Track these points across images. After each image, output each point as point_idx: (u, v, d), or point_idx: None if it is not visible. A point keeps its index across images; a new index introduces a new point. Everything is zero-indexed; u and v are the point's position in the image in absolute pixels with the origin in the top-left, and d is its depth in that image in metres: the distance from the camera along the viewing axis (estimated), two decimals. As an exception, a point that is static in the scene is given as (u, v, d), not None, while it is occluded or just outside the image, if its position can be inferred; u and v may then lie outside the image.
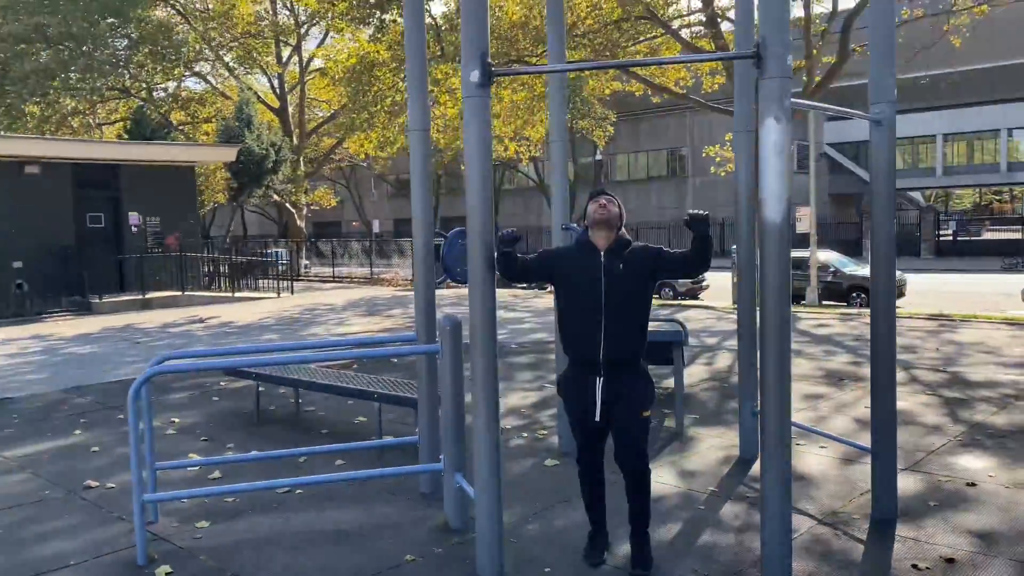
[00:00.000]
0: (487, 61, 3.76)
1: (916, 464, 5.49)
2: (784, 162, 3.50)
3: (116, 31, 26.55)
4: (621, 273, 3.73)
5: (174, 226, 19.42)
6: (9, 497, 5.22)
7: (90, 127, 33.90)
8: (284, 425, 6.98)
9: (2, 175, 16.94)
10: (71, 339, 13.08)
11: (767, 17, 3.45)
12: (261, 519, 4.74)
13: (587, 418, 3.82)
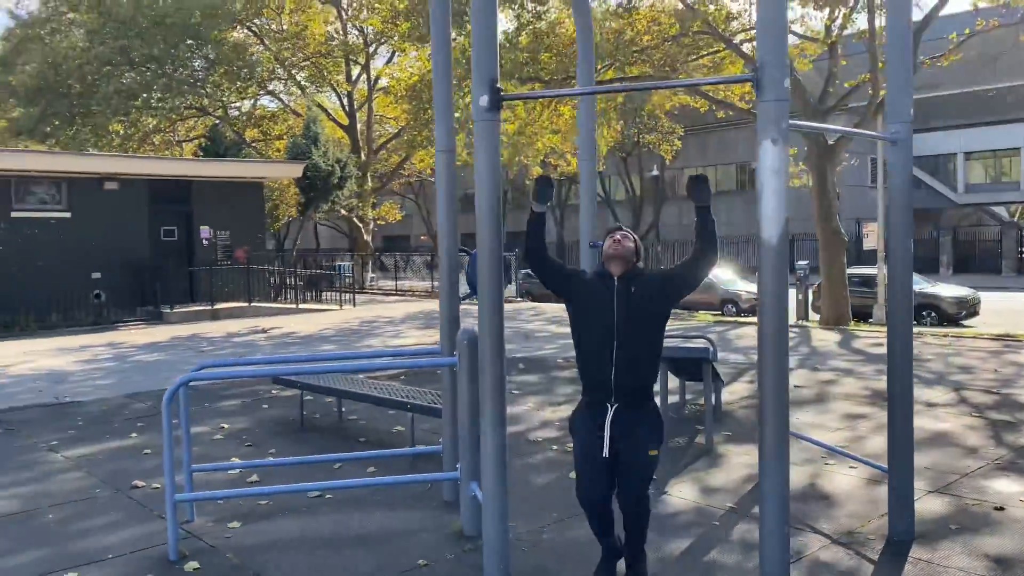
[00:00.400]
0: (496, 87, 3.92)
1: (946, 486, 5.40)
2: (782, 182, 3.57)
3: (195, 52, 27.77)
4: (634, 297, 3.74)
5: (243, 240, 20.17)
6: (63, 493, 5.59)
7: (171, 144, 35.43)
8: (325, 433, 7.25)
9: (83, 191, 17.92)
10: (140, 347, 13.73)
11: (765, 41, 3.52)
12: (290, 521, 4.98)
13: (594, 451, 3.76)
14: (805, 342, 13.06)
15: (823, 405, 8.04)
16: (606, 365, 3.73)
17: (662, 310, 3.84)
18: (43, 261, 17.25)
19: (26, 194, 17.43)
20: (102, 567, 4.29)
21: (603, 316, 3.75)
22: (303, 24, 28.83)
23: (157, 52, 25.10)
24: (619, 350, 3.71)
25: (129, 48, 24.85)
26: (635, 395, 3.78)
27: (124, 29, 25.19)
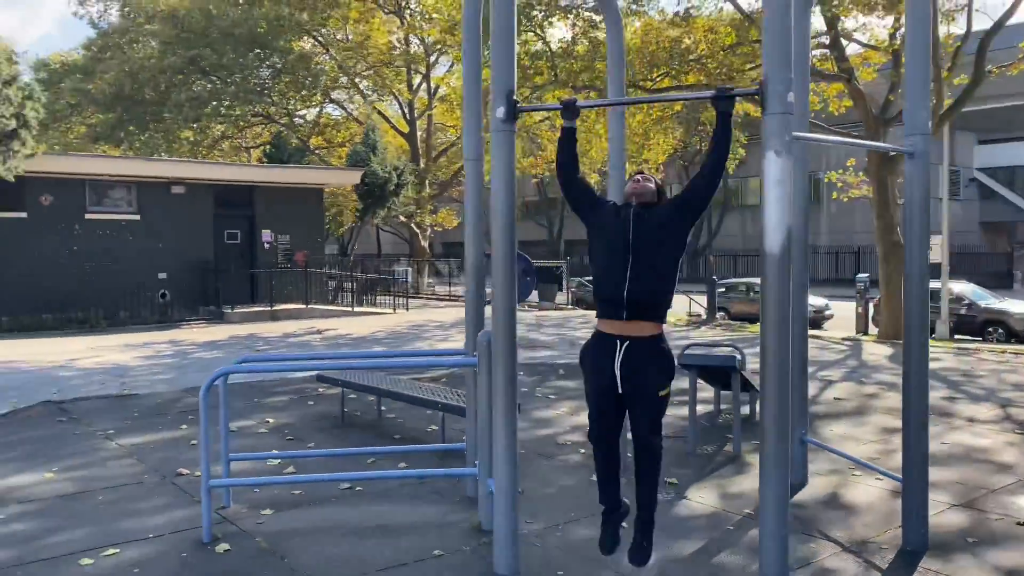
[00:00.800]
0: (513, 99, 4.11)
1: (971, 501, 5.35)
2: (785, 193, 3.65)
3: (262, 62, 28.66)
4: (651, 219, 3.83)
5: (302, 244, 20.76)
6: (114, 478, 5.95)
7: (239, 150, 36.59)
8: (364, 429, 7.51)
9: (152, 194, 18.71)
10: (200, 345, 14.29)
11: (769, 56, 3.62)
12: (319, 511, 5.22)
13: (602, 386, 3.83)
14: (855, 355, 12.88)
15: (861, 418, 7.98)
16: (620, 279, 3.77)
17: (679, 231, 3.86)
18: (114, 261, 18.06)
19: (99, 197, 18.29)
20: (141, 546, 4.59)
21: (621, 234, 3.82)
22: (366, 34, 29.51)
23: (226, 61, 26.01)
24: (633, 265, 3.76)
25: (200, 58, 25.81)
26: (646, 312, 3.78)
27: (195, 39, 26.17)
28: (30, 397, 9.21)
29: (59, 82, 31.44)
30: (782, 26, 3.61)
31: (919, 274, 4.48)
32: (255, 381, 9.80)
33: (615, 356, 3.81)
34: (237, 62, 26.60)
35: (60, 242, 17.58)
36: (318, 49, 30.52)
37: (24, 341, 14.97)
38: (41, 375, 10.95)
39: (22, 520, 5.04)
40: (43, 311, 16.90)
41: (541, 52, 19.01)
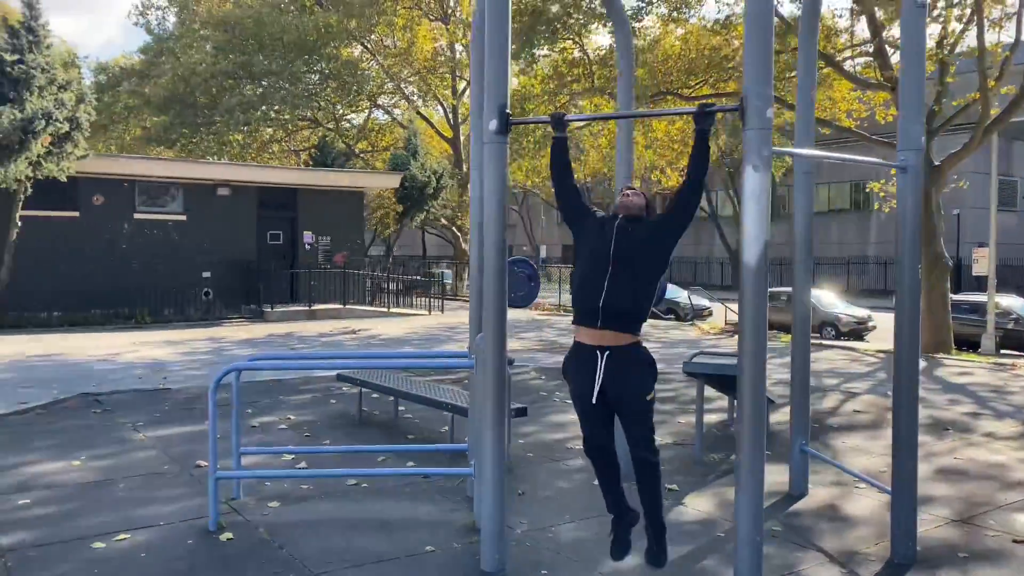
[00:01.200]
0: (505, 112, 4.25)
1: (972, 517, 5.33)
2: (763, 207, 3.73)
3: (310, 68, 29.28)
4: (634, 233, 3.94)
5: (342, 245, 21.18)
6: (136, 467, 6.24)
7: (288, 153, 37.35)
8: (379, 428, 7.72)
9: (199, 196, 19.29)
10: (237, 342, 14.70)
11: (750, 74, 3.71)
12: (324, 504, 5.42)
13: (588, 400, 3.93)
14: (887, 368, 12.71)
15: (876, 431, 7.93)
16: (599, 289, 3.87)
17: (662, 247, 3.97)
18: (160, 260, 18.66)
19: (148, 197, 18.91)
20: (151, 531, 4.84)
21: (603, 246, 3.93)
22: (412, 40, 29.95)
23: (275, 67, 26.64)
24: (612, 276, 3.87)
25: (250, 63, 26.48)
26: (621, 322, 3.88)
27: (246, 46, 26.86)
28: (70, 389, 9.63)
29: (117, 85, 32.52)
30: (761, 44, 3.70)
31: (910, 288, 4.51)
32: (282, 379, 10.10)
33: (597, 368, 3.90)
34: (286, 68, 27.23)
35: (110, 241, 18.22)
36: (365, 55, 31.07)
37: (73, 335, 15.57)
38: (84, 368, 11.42)
39: (46, 504, 5.33)
40: (92, 307, 17.54)
41: (579, 60, 19.15)
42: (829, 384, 10.80)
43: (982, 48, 17.26)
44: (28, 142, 14.26)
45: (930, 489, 5.96)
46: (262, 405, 8.70)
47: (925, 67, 4.48)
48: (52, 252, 17.37)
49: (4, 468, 6.19)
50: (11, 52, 14.64)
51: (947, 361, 13.71)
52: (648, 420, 3.95)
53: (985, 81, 17.14)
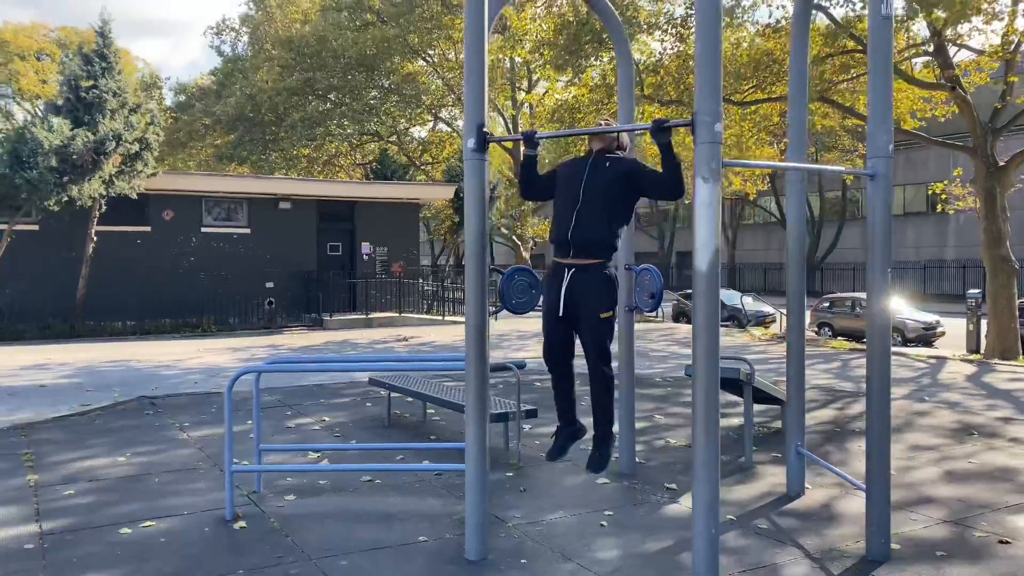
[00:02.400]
0: (483, 131, 4.57)
1: (965, 518, 5.36)
2: (712, 215, 3.94)
3: (372, 82, 30.19)
4: (605, 171, 4.37)
5: (399, 255, 21.82)
6: (173, 463, 6.75)
7: (354, 166, 38.47)
8: (406, 429, 8.10)
9: (262, 210, 20.18)
10: (295, 349, 15.35)
11: (700, 92, 3.93)
12: (336, 499, 5.81)
13: (551, 308, 4.42)
14: (933, 373, 12.50)
15: (897, 434, 7.89)
16: (568, 222, 4.34)
17: (624, 194, 4.36)
18: (225, 271, 19.59)
19: (215, 212, 19.88)
20: (173, 520, 5.30)
21: (574, 184, 4.40)
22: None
23: (337, 83, 27.60)
24: (580, 209, 4.32)
25: (313, 80, 27.49)
26: (588, 249, 4.31)
27: (309, 63, 27.89)
28: (131, 392, 10.33)
29: (192, 106, 34.14)
30: (710, 59, 3.91)
31: (880, 289, 4.63)
32: (324, 384, 10.60)
33: (562, 281, 4.37)
34: (348, 83, 28.17)
35: (179, 253, 19.23)
36: (427, 69, 31.83)
37: (143, 343, 16.51)
38: (147, 373, 12.18)
39: (87, 495, 5.86)
40: (163, 316, 18.54)
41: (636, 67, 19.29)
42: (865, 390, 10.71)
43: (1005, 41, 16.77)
44: (100, 162, 15.23)
45: (933, 491, 6.00)
46: (303, 408, 9.20)
47: (892, 76, 4.61)
48: (125, 265, 18.44)
49: (58, 463, 6.78)
50: (86, 78, 15.69)
51: (1001, 367, 13.37)
52: (602, 336, 4.33)
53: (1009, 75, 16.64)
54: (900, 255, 43.78)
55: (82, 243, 17.23)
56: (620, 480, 6.27)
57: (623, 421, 6.48)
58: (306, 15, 34.96)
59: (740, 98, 19.64)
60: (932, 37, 18.10)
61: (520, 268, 5.73)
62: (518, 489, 6.02)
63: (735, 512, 5.50)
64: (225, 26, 41.06)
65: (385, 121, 30.91)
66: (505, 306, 6.06)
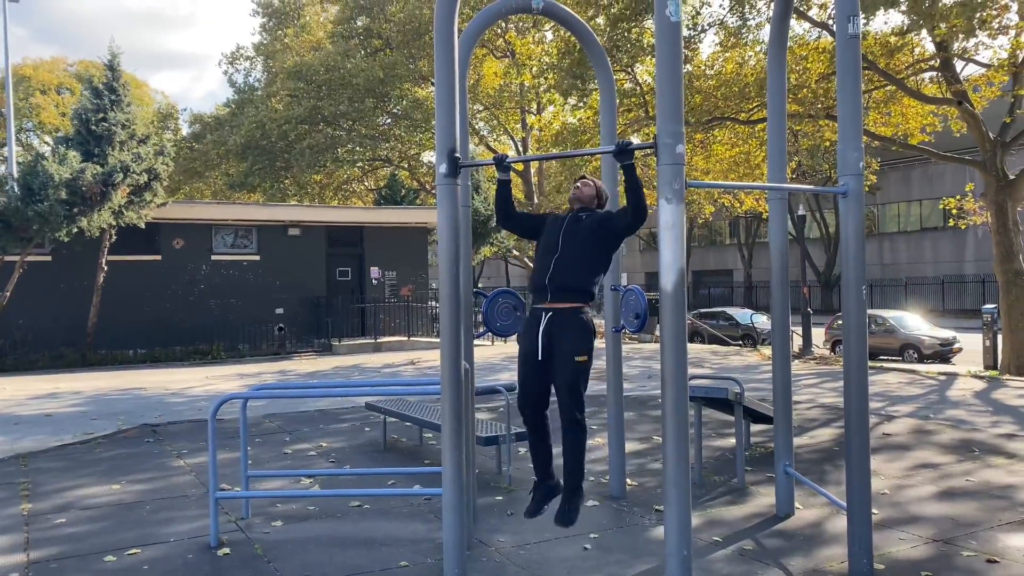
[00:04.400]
0: (455, 156, 4.62)
1: (954, 537, 5.29)
2: (677, 235, 3.96)
3: (380, 108, 30.50)
4: (581, 223, 4.54)
5: (408, 279, 21.92)
6: (167, 490, 6.80)
7: (366, 191, 38.77)
8: (402, 454, 8.11)
9: (271, 236, 20.37)
10: (304, 375, 15.43)
11: (661, 114, 3.96)
12: (323, 524, 5.82)
13: (527, 352, 4.47)
14: (942, 390, 12.36)
15: (900, 452, 7.83)
16: (547, 268, 4.47)
17: (602, 242, 4.50)
18: (235, 298, 19.76)
19: (224, 240, 20.10)
20: (159, 547, 5.33)
21: (554, 234, 4.56)
22: (478, 77, 30.85)
23: (344, 109, 27.89)
24: (558, 256, 4.46)
25: (321, 108, 27.82)
26: (565, 294, 4.41)
27: (319, 91, 28.24)
28: (134, 420, 10.42)
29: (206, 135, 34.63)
30: (671, 83, 3.95)
31: (855, 306, 4.61)
32: (326, 409, 10.64)
33: (540, 324, 4.43)
34: (357, 109, 28.48)
35: (189, 281, 19.43)
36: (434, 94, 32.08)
37: (152, 370, 16.66)
38: (153, 400, 12.28)
39: (77, 523, 5.91)
40: (173, 343, 18.70)
41: (631, 91, 19.40)
42: (874, 407, 10.61)
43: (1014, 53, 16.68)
44: (109, 193, 15.47)
45: (926, 509, 5.93)
46: (301, 433, 9.23)
47: (861, 94, 4.61)
48: (136, 293, 18.65)
49: (53, 492, 6.84)
50: (95, 111, 15.98)
51: (1012, 382, 13.20)
52: (576, 382, 4.35)
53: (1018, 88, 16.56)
54: (918, 270, 43.48)
55: (93, 273, 17.46)
56: (608, 502, 6.24)
57: (612, 443, 6.46)
58: (319, 43, 35.47)
59: (745, 117, 19.67)
60: (938, 52, 18.07)
61: (504, 290, 5.76)
62: (506, 513, 6.01)
63: (723, 533, 5.46)
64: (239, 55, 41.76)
65: (395, 146, 31.18)
66: (489, 328, 6.08)
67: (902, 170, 42.72)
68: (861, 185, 4.59)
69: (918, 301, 39.38)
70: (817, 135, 22.66)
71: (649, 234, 53.25)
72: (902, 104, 20.79)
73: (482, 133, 34.61)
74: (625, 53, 18.13)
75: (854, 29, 4.54)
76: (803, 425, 9.22)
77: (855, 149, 4.59)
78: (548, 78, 19.03)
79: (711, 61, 20.84)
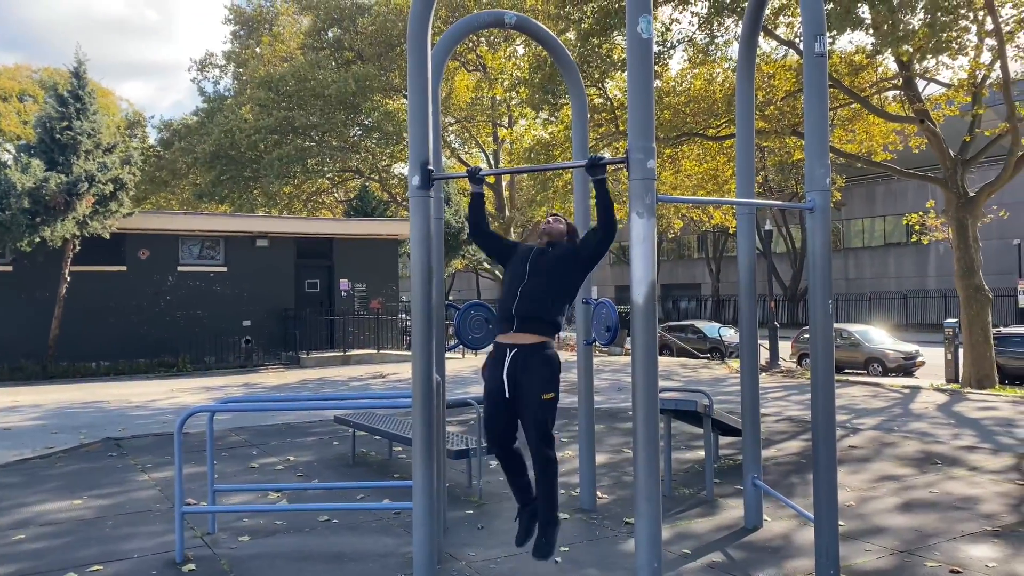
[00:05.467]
0: (427, 168, 4.61)
1: (917, 548, 5.36)
2: (648, 249, 3.99)
3: (351, 120, 30.39)
4: (547, 254, 4.53)
5: (378, 291, 21.80)
6: (130, 505, 6.67)
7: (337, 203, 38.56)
8: (371, 468, 8.04)
9: (239, 248, 20.16)
10: (270, 388, 15.26)
11: (632, 131, 4.00)
12: (291, 539, 5.75)
13: (493, 390, 4.41)
14: (905, 403, 12.56)
15: (862, 464, 7.93)
16: (513, 296, 4.43)
17: (569, 274, 4.48)
18: (202, 310, 19.51)
19: (191, 251, 19.86)
20: (122, 564, 5.22)
21: (521, 264, 4.53)
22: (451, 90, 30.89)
23: (316, 121, 27.75)
24: (524, 285, 4.43)
25: (292, 119, 27.65)
26: (531, 324, 4.36)
27: (290, 102, 28.08)
28: (97, 434, 10.23)
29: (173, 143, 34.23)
30: (642, 99, 3.98)
31: (822, 320, 4.67)
32: (294, 423, 10.52)
33: (504, 362, 4.37)
34: (328, 121, 28.35)
35: (154, 292, 19.16)
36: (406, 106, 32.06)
37: (116, 383, 16.37)
38: (117, 414, 12.06)
39: (37, 540, 5.78)
40: (138, 356, 18.41)
41: (602, 105, 19.56)
42: (839, 420, 10.74)
43: (1007, 78, 17.08)
44: (73, 203, 15.22)
45: (890, 520, 6.00)
46: (269, 447, 9.12)
47: (827, 112, 4.70)
48: (101, 304, 18.34)
49: (12, 507, 6.68)
50: (60, 119, 15.73)
51: (973, 396, 13.45)
52: (544, 419, 4.31)
53: (1013, 111, 16.94)
54: (882, 285, 44.19)
55: (55, 283, 17.14)
56: (580, 516, 6.24)
57: (583, 456, 6.47)
58: (291, 53, 35.28)
59: (714, 132, 19.91)
60: (901, 71, 18.44)
61: (476, 303, 5.75)
62: (476, 526, 5.99)
63: (692, 546, 5.49)
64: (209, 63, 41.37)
65: (366, 158, 31.08)
66: (461, 341, 6.07)
67: (866, 186, 43.50)
68: (828, 201, 4.66)
69: (882, 315, 40.01)
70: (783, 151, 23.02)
71: (620, 248, 53.55)
72: (867, 122, 21.19)
73: (454, 146, 34.65)
74: (595, 68, 18.29)
75: (820, 48, 4.63)
76: (771, 438, 9.31)
77: (822, 166, 4.66)
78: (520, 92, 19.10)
79: (680, 77, 21.07)
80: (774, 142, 21.17)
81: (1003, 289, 32.06)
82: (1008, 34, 16.47)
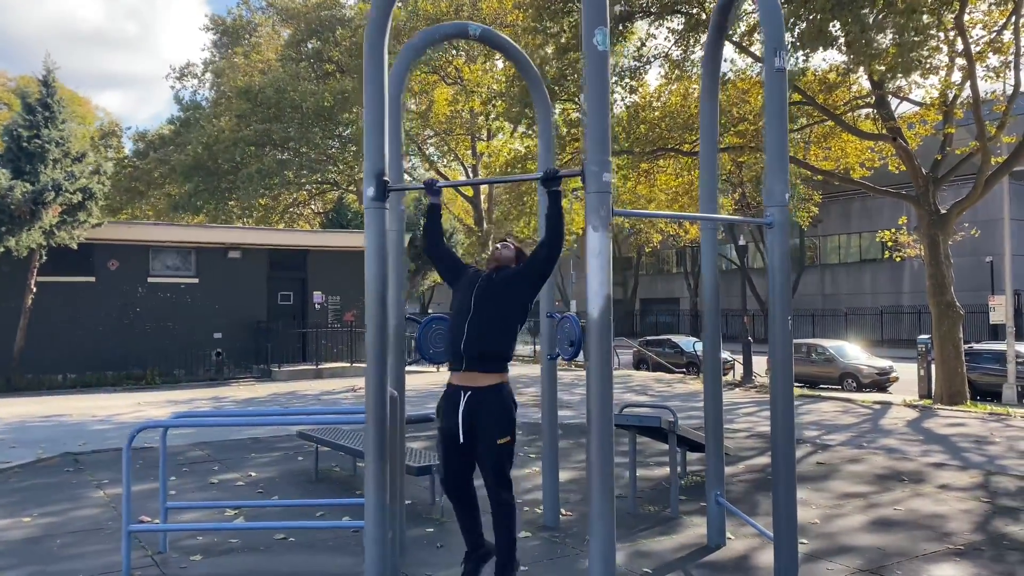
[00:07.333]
0: (383, 179, 4.53)
1: (882, 567, 5.30)
2: (604, 262, 3.92)
3: (329, 133, 30.26)
4: (495, 281, 4.38)
5: (352, 304, 21.63)
6: (80, 522, 6.49)
7: (314, 215, 38.34)
8: (334, 484, 7.89)
9: (210, 259, 19.94)
10: (239, 402, 15.03)
11: (590, 145, 3.94)
12: (244, 558, 5.59)
13: (448, 436, 4.29)
14: (875, 419, 12.57)
15: (826, 482, 7.88)
16: (460, 333, 4.29)
17: (517, 294, 4.35)
18: (173, 321, 19.25)
19: (162, 262, 19.61)
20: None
21: (468, 295, 4.36)
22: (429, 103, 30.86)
23: (294, 133, 27.60)
24: (471, 319, 4.28)
25: (270, 131, 27.48)
26: (482, 363, 4.24)
27: (267, 114, 27.92)
28: (56, 448, 9.99)
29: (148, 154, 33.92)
30: (599, 111, 3.92)
31: (782, 335, 4.62)
32: (259, 437, 10.35)
33: (459, 406, 4.25)
34: (305, 134, 28.20)
35: (124, 304, 18.88)
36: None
37: (81, 396, 16.07)
38: (79, 429, 11.81)
39: (-21, 559, 5.59)
40: (105, 368, 18.10)
41: (578, 120, 19.60)
42: (808, 436, 10.73)
43: (976, 97, 17.26)
44: (39, 212, 14.98)
45: (854, 539, 5.95)
46: (231, 462, 8.95)
47: (787, 128, 4.67)
48: (68, 316, 18.04)
49: (-41, 524, 6.48)
50: (28, 128, 15.51)
51: (943, 412, 13.50)
52: (501, 463, 4.22)
53: (983, 130, 17.10)
54: (858, 301, 44.49)
55: (20, 294, 16.84)
56: (542, 534, 6.13)
57: (547, 473, 6.37)
58: (269, 64, 35.11)
59: (689, 147, 19.97)
60: (874, 90, 18.60)
61: (437, 316, 5.64)
62: (436, 545, 5.86)
63: (652, 565, 5.40)
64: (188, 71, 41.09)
65: (343, 170, 30.94)
66: (423, 355, 5.95)
67: (842, 203, 43.88)
68: (786, 216, 4.62)
69: (857, 331, 40.29)
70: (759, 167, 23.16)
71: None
72: (841, 139, 21.39)
73: (433, 159, 34.58)
74: (572, 82, 18.33)
75: (780, 63, 4.60)
76: (739, 454, 9.26)
77: (781, 181, 4.63)
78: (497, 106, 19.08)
79: (657, 93, 21.16)
80: (750, 157, 21.28)
81: (976, 306, 32.37)
82: (978, 54, 16.67)
